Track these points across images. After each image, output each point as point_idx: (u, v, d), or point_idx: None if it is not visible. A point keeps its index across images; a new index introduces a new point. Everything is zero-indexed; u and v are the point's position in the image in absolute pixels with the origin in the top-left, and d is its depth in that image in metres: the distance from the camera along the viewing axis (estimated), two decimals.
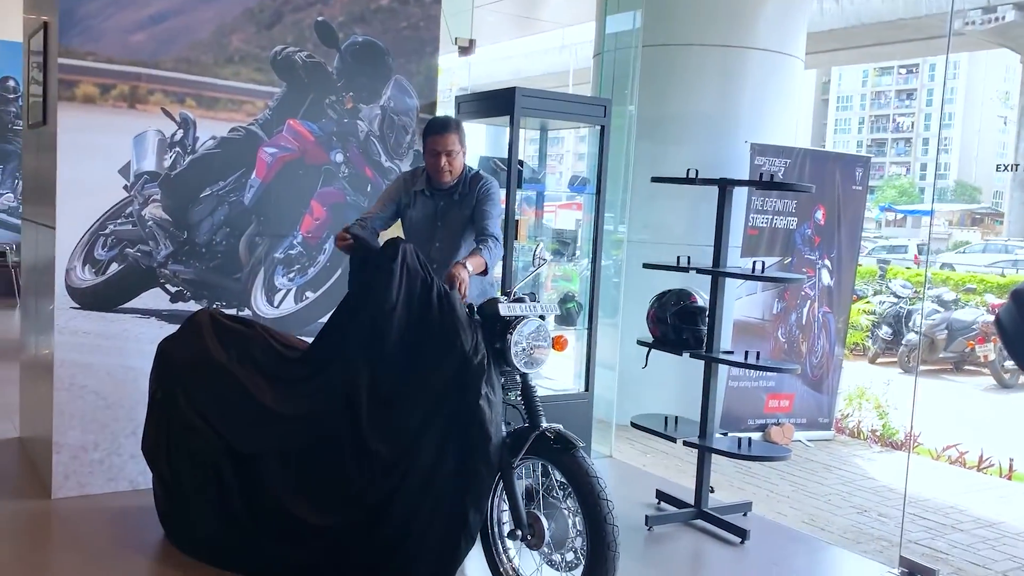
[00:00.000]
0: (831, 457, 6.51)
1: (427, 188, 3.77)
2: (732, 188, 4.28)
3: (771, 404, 6.68)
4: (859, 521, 5.10)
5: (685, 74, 6.65)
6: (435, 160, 3.67)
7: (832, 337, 6.89)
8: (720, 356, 4.23)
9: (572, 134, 9.41)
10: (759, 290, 6.52)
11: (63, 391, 4.01)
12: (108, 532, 3.70)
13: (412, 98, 4.70)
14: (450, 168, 3.68)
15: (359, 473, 3.14)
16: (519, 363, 3.14)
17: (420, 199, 3.77)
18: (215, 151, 4.25)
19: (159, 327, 4.16)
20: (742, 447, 4.19)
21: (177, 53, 4.14)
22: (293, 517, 3.22)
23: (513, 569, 3.23)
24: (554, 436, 3.05)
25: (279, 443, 3.31)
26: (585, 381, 5.09)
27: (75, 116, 3.96)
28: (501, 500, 3.25)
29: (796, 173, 6.47)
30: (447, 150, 3.66)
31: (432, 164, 3.69)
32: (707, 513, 4.25)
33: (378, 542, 3.12)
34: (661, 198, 6.24)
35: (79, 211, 4.01)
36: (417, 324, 3.18)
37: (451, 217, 3.72)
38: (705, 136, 6.58)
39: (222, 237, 4.30)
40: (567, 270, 5.77)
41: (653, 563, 3.79)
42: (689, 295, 4.34)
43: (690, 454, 5.30)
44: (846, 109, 75.04)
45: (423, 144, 3.75)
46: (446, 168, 3.67)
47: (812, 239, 6.68)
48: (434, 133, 3.68)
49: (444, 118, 3.87)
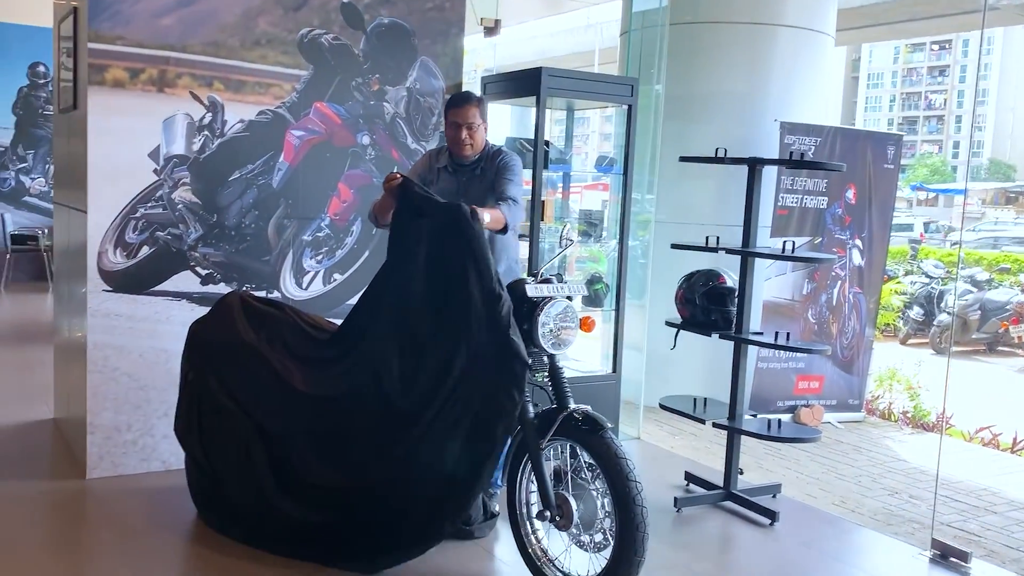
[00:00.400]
0: (861, 439, 6.45)
1: (450, 164, 3.76)
2: (762, 167, 4.23)
3: (800, 385, 6.63)
4: (890, 503, 5.06)
5: (713, 52, 6.57)
6: (456, 133, 3.66)
7: (863, 318, 6.81)
8: (750, 337, 4.19)
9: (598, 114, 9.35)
10: (789, 270, 6.46)
11: (96, 373, 4.06)
12: (142, 511, 3.75)
13: (438, 79, 4.69)
14: (471, 141, 3.67)
15: (388, 432, 3.15)
16: (546, 344, 3.14)
17: (443, 175, 3.77)
18: (243, 134, 4.27)
19: (190, 309, 4.20)
20: (772, 428, 4.16)
21: (205, 36, 4.15)
22: (318, 486, 3.25)
23: (542, 550, 3.24)
24: (582, 417, 3.05)
25: (308, 424, 3.33)
26: (613, 362, 5.08)
27: (105, 100, 3.99)
28: (529, 481, 3.25)
29: (826, 152, 6.38)
30: (468, 123, 3.64)
31: (453, 137, 3.68)
32: (736, 495, 4.24)
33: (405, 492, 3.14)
34: (688, 178, 6.18)
35: (110, 195, 4.05)
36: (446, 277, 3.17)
37: (473, 192, 3.70)
38: (733, 115, 6.50)
39: (251, 220, 4.32)
40: (594, 251, 5.75)
41: (682, 545, 3.78)
42: (718, 276, 4.31)
43: (718, 436, 5.28)
44: (877, 87, 73.88)
45: (444, 118, 3.75)
46: (467, 141, 3.66)
47: (843, 219, 6.60)
48: (454, 106, 3.67)
49: (465, 92, 3.86)
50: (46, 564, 3.25)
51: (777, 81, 6.58)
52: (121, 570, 3.22)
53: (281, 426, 3.37)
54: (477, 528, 3.62)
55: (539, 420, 3.13)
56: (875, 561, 3.86)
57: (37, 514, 3.75)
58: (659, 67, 5.71)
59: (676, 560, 3.57)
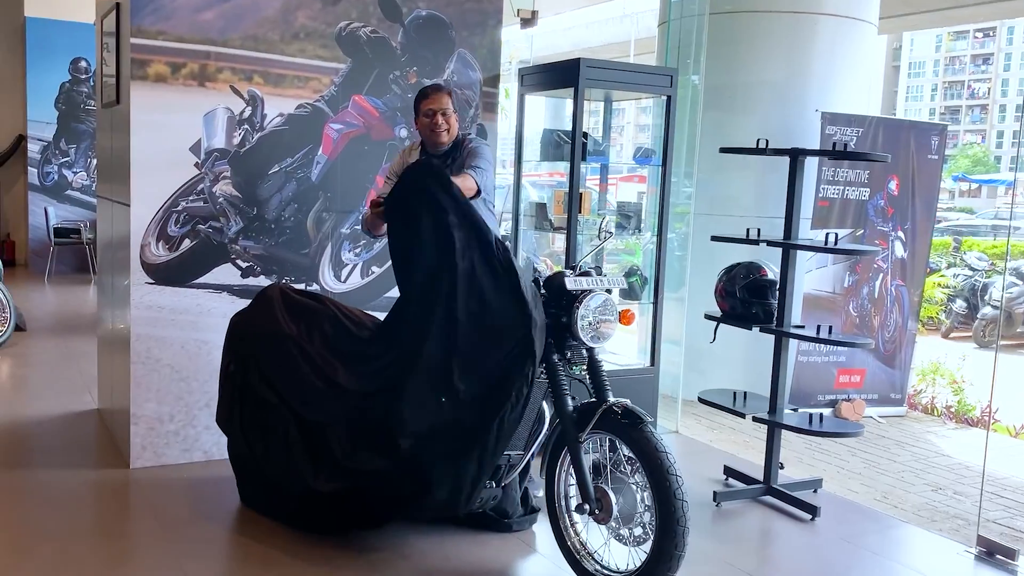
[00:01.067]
0: (904, 434, 6.36)
1: (422, 155, 3.81)
2: (804, 158, 4.17)
3: (841, 379, 6.54)
4: (934, 499, 4.98)
5: (753, 42, 6.49)
6: (431, 120, 3.72)
7: (906, 311, 6.71)
8: (791, 330, 4.14)
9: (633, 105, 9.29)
10: (830, 263, 6.37)
11: (139, 364, 4.12)
12: (184, 501, 3.80)
13: (475, 72, 4.68)
14: (447, 127, 3.73)
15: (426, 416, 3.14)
16: (585, 337, 3.12)
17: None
18: (283, 128, 4.29)
19: (230, 301, 4.24)
20: (813, 423, 4.11)
21: (245, 31, 4.18)
22: (359, 471, 3.27)
23: (580, 543, 3.23)
24: (622, 411, 3.03)
25: (347, 415, 3.35)
26: (651, 356, 5.05)
27: (147, 95, 4.03)
28: (568, 474, 3.24)
29: (868, 142, 6.28)
30: (442, 109, 3.71)
31: (428, 125, 3.74)
32: (776, 489, 4.19)
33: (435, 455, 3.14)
34: (727, 169, 6.12)
35: (152, 188, 4.10)
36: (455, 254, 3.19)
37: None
38: (773, 105, 6.42)
39: (290, 213, 4.35)
40: (630, 243, 5.72)
41: (722, 539, 3.75)
42: (759, 268, 4.26)
43: (757, 430, 5.23)
44: (918, 76, 72.55)
45: (416, 112, 3.79)
46: (443, 127, 3.72)
47: (885, 210, 6.50)
48: (427, 96, 3.75)
49: (435, 82, 4.02)
50: (91, 552, 3.30)
51: (818, 71, 6.48)
52: (165, 559, 3.26)
53: (321, 416, 3.39)
54: (516, 522, 3.62)
55: (578, 413, 3.11)
56: (918, 558, 3.80)
57: (82, 503, 3.82)
58: (698, 57, 5.65)
59: (716, 554, 3.54)
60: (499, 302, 3.11)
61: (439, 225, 3.20)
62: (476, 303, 3.14)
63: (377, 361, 3.39)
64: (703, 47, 5.64)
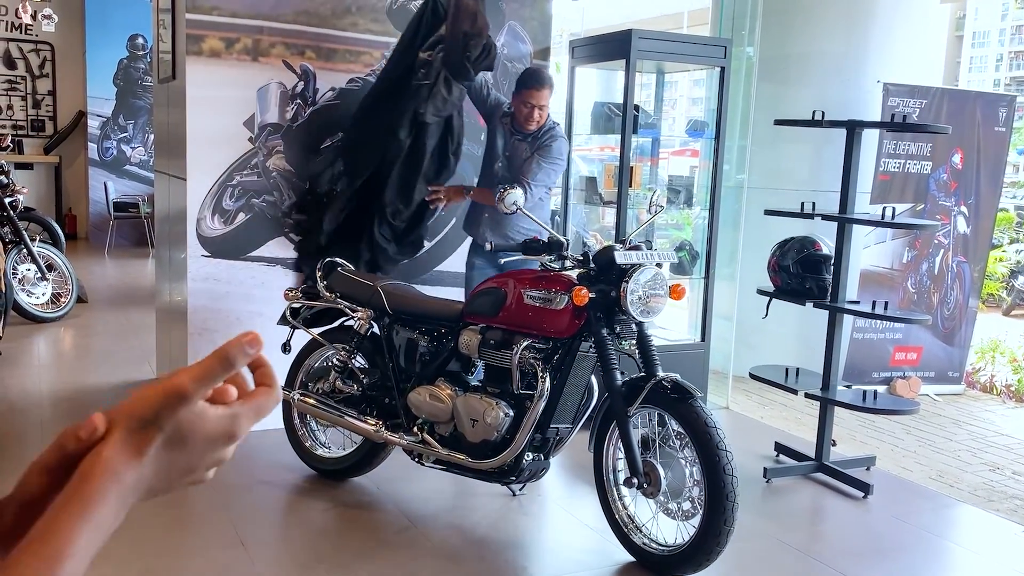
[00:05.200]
0: (961, 412, 6.23)
1: (511, 127, 4.18)
2: (861, 131, 4.08)
3: (897, 357, 6.42)
4: (991, 479, 4.87)
5: (810, 11, 6.33)
6: (528, 111, 4.04)
7: (967, 287, 6.54)
8: (845, 306, 4.07)
9: (686, 77, 9.14)
10: (888, 238, 6.23)
11: (196, 335, 4.21)
12: (240, 468, 3.88)
13: (526, 44, 4.65)
14: (539, 119, 4.07)
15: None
16: (635, 311, 3.10)
17: (501, 129, 4.23)
18: (334, 102, 4.32)
19: (284, 274, 4.30)
20: (867, 400, 4.05)
21: (296, 5, 4.21)
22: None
23: (628, 516, 3.23)
24: (671, 385, 3.02)
25: None
26: (701, 331, 5.01)
27: (202, 70, 4.09)
28: (616, 448, 3.24)
29: (932, 114, 6.10)
30: (540, 104, 4.04)
31: (525, 113, 4.05)
32: (828, 467, 4.15)
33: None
34: (782, 142, 6.01)
35: (208, 163, 4.17)
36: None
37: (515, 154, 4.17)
38: (830, 77, 6.26)
39: (342, 187, 4.38)
40: (679, 217, 5.66)
41: (772, 515, 3.73)
42: (813, 243, 4.19)
43: (809, 407, 5.17)
44: (982, 46, 70.25)
45: (518, 91, 3.98)
46: (535, 119, 4.07)
47: (948, 184, 6.32)
48: (533, 87, 4.01)
49: (543, 72, 4.19)
50: (150, 518, 3.40)
51: (877, 41, 6.30)
52: (221, 525, 3.35)
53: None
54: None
55: (627, 388, 3.11)
56: (974, 538, 3.73)
57: None
58: (753, 28, 5.54)
59: (765, 530, 3.52)
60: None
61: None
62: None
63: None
64: (758, 17, 5.53)
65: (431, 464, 3.43)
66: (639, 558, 3.17)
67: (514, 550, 3.33)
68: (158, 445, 0.62)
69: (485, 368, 3.35)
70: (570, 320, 3.11)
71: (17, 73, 10.57)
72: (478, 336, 3.28)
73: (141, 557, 3.05)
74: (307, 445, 3.89)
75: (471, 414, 3.23)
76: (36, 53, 10.62)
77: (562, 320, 3.12)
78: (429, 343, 3.52)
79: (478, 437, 3.23)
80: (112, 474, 0.60)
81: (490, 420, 3.17)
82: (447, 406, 3.32)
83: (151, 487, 0.64)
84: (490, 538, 3.36)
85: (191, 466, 0.65)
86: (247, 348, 0.65)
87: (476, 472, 3.29)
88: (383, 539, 3.30)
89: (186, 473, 0.65)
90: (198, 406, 0.63)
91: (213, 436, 0.64)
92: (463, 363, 3.45)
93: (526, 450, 3.16)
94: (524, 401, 3.16)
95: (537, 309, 3.17)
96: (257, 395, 0.68)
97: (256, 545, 3.22)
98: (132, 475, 0.61)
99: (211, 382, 0.64)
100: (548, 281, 3.18)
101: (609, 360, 3.12)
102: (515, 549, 3.34)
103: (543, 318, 3.15)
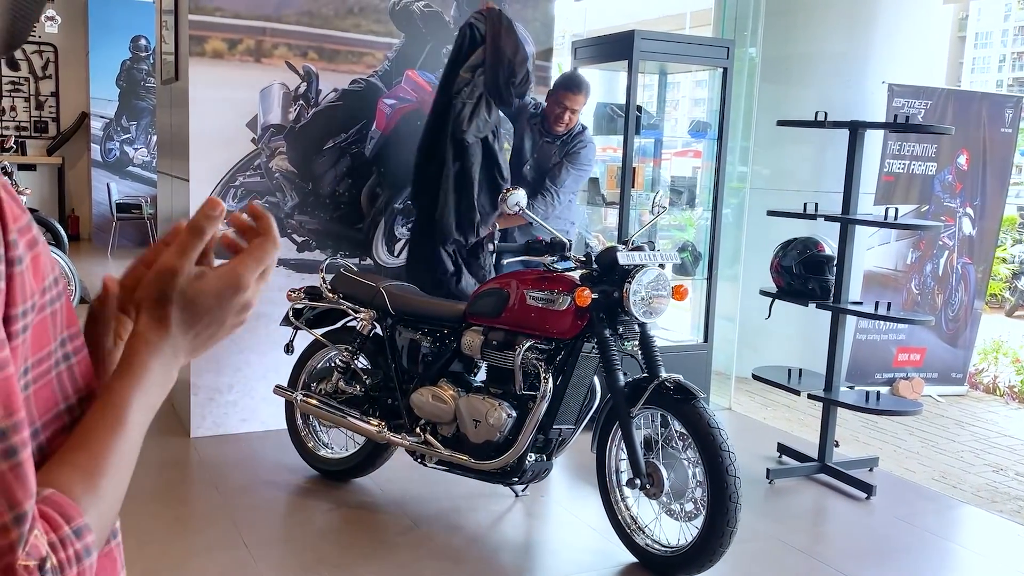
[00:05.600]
0: (964, 413, 6.22)
1: (541, 127, 4.28)
2: (864, 131, 4.08)
3: (900, 358, 6.41)
4: (995, 480, 4.87)
5: (812, 12, 6.33)
6: (560, 112, 4.17)
7: (972, 289, 6.52)
8: (848, 307, 4.07)
9: (688, 78, 9.16)
10: (892, 239, 6.22)
11: None
12: (243, 469, 3.90)
13: (529, 45, 4.64)
14: (568, 122, 4.21)
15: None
16: (638, 312, 3.10)
17: (532, 127, 4.33)
18: (337, 103, 4.33)
19: (286, 275, 4.30)
20: (869, 401, 4.04)
21: (299, 6, 4.21)
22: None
23: (631, 517, 3.23)
24: (674, 386, 3.02)
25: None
26: (704, 332, 5.01)
27: (205, 71, 4.09)
28: (619, 449, 3.24)
29: (937, 115, 6.09)
30: (574, 108, 4.19)
31: (557, 114, 4.18)
32: (831, 467, 4.14)
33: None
34: (785, 143, 6.01)
35: (211, 164, 4.17)
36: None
37: (542, 152, 4.29)
38: (833, 78, 6.26)
39: (344, 188, 4.39)
40: (682, 218, 5.66)
41: (775, 516, 3.73)
42: (816, 243, 4.19)
43: (812, 408, 5.17)
44: (985, 47, 70.16)
45: (554, 92, 4.09)
46: (565, 122, 4.20)
47: (953, 185, 6.31)
48: (570, 90, 4.18)
49: (581, 78, 4.34)
50: (152, 517, 3.41)
51: (880, 42, 6.30)
52: (223, 525, 3.36)
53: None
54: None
55: (630, 388, 3.11)
56: (978, 539, 3.73)
57: (144, 470, 3.93)
58: (755, 28, 5.54)
59: (768, 531, 3.52)
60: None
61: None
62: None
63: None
64: (760, 18, 5.53)
65: (434, 465, 3.43)
66: (642, 559, 3.16)
67: (517, 551, 3.33)
68: (175, 313, 0.76)
69: (488, 369, 3.35)
70: (573, 321, 3.11)
71: (20, 74, 10.58)
72: (481, 337, 3.28)
73: (143, 558, 3.06)
74: (310, 446, 3.89)
75: (474, 415, 3.24)
76: (39, 54, 10.63)
77: (565, 321, 3.12)
78: (432, 344, 3.52)
79: (481, 438, 3.23)
80: (147, 344, 0.76)
81: (493, 421, 3.17)
82: (450, 407, 3.32)
83: (192, 346, 0.79)
84: (492, 539, 3.36)
85: (215, 319, 0.79)
86: (208, 211, 0.78)
87: (479, 473, 3.29)
88: (386, 540, 3.30)
89: (215, 325, 0.79)
90: (194, 271, 0.77)
91: (219, 290, 0.78)
92: (466, 364, 3.46)
93: (529, 451, 3.16)
94: (527, 402, 3.16)
95: (540, 310, 3.17)
96: (253, 246, 0.82)
97: (258, 545, 3.22)
98: (166, 343, 0.76)
99: (191, 251, 0.77)
100: (551, 282, 3.18)
101: (612, 361, 3.11)
102: (518, 550, 3.34)
103: (546, 319, 3.15)
